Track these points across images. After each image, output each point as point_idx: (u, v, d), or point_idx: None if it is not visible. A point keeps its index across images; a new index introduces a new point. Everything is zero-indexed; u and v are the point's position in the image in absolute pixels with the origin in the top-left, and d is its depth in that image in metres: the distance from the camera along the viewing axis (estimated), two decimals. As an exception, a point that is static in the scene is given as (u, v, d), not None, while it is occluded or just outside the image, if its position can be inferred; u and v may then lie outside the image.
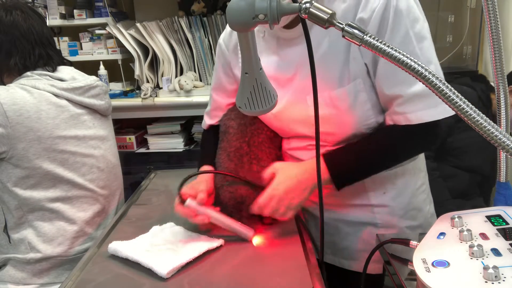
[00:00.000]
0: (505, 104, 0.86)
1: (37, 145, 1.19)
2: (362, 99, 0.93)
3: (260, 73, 0.75)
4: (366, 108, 0.94)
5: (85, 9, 2.38)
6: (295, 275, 0.82)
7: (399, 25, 0.86)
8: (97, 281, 0.83)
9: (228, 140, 1.06)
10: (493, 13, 0.77)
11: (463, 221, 0.69)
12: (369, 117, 0.95)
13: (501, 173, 0.92)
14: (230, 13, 0.66)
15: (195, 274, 0.83)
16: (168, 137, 2.41)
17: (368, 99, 0.94)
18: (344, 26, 0.61)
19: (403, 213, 1.06)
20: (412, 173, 1.07)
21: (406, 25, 0.86)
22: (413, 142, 0.96)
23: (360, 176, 0.99)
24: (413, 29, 0.87)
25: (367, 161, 0.97)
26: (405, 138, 0.94)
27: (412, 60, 0.57)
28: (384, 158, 0.97)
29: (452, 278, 0.56)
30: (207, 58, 2.43)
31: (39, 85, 1.22)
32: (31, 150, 1.19)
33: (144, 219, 1.09)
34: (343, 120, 0.96)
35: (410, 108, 0.90)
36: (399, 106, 0.91)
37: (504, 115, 0.87)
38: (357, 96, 0.93)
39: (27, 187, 1.22)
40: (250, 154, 1.04)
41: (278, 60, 0.99)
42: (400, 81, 0.89)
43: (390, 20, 0.86)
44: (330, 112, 0.95)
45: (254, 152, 1.04)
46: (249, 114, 0.81)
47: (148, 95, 2.28)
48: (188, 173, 1.02)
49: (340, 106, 0.94)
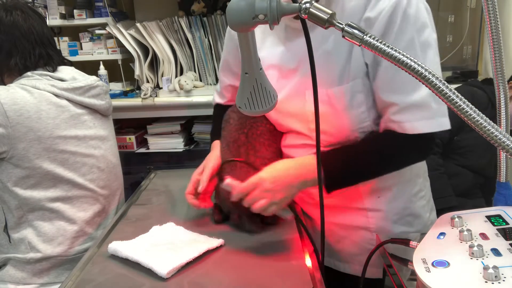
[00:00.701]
0: (505, 104, 0.86)
1: (37, 145, 1.19)
2: (358, 101, 0.93)
3: (260, 73, 0.75)
4: (361, 110, 0.94)
5: (85, 9, 2.38)
6: (296, 275, 0.82)
7: (405, 29, 0.85)
8: (97, 281, 0.83)
9: (228, 130, 1.08)
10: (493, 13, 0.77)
11: (463, 221, 0.69)
12: (364, 120, 0.95)
13: (501, 173, 0.92)
14: (230, 13, 0.66)
15: (195, 274, 0.83)
16: (168, 137, 2.41)
17: (364, 101, 0.93)
18: (344, 26, 0.61)
19: (398, 219, 1.05)
20: (408, 179, 1.05)
21: (412, 31, 0.86)
22: (405, 153, 0.95)
23: (352, 181, 0.98)
24: (419, 36, 0.87)
25: (359, 167, 0.95)
26: (398, 148, 0.93)
27: (412, 60, 0.57)
28: (375, 166, 0.96)
29: (452, 278, 0.56)
30: (207, 58, 2.43)
31: (40, 85, 1.22)
32: (31, 150, 1.19)
33: (144, 219, 1.09)
34: (338, 120, 0.95)
35: (406, 117, 0.89)
36: (395, 114, 0.90)
37: (504, 115, 0.87)
38: (354, 97, 0.92)
39: (27, 187, 1.22)
40: (248, 145, 1.04)
41: (284, 50, 0.99)
42: (398, 89, 0.89)
43: (397, 23, 0.85)
44: (326, 110, 0.94)
45: (251, 143, 1.04)
46: (249, 114, 0.81)
47: (148, 95, 2.28)
48: (188, 173, 1.02)
49: (336, 104, 0.93)
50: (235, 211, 1.01)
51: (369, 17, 0.87)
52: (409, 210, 1.06)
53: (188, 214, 1.11)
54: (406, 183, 1.05)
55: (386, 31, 0.86)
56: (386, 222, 1.05)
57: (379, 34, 0.86)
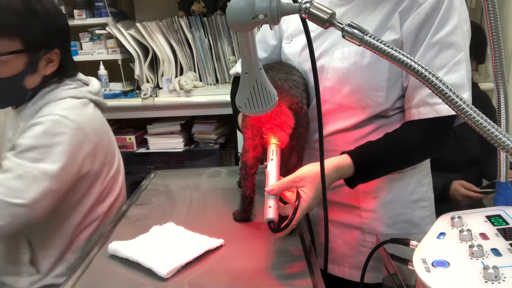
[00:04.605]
0: (505, 104, 0.86)
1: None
2: (382, 66, 0.93)
3: (260, 73, 0.75)
4: (381, 78, 0.94)
5: (85, 9, 2.38)
6: (296, 276, 0.82)
7: (452, 15, 0.89)
8: (97, 281, 0.83)
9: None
10: (493, 13, 0.77)
11: (463, 221, 0.69)
12: (380, 88, 0.95)
13: (501, 173, 0.92)
14: (230, 13, 0.66)
15: (195, 274, 0.83)
16: (168, 137, 2.41)
17: (387, 70, 0.93)
18: (344, 26, 0.61)
19: (392, 223, 1.04)
20: (408, 183, 1.04)
21: (458, 19, 0.90)
22: (427, 142, 0.95)
23: (379, 174, 0.97)
24: (463, 26, 0.91)
25: (386, 159, 0.94)
26: (421, 137, 0.94)
27: (408, 58, 0.57)
28: (400, 157, 0.96)
29: (452, 278, 0.56)
30: (207, 58, 2.43)
31: (81, 94, 1.19)
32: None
33: (144, 219, 1.09)
34: (353, 77, 0.95)
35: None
36: (430, 96, 0.90)
37: (504, 115, 0.87)
38: (379, 59, 0.90)
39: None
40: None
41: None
42: (437, 70, 0.90)
43: (442, 9, 0.89)
44: (345, 65, 0.95)
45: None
46: (249, 114, 0.81)
47: (148, 95, 2.28)
48: (188, 173, 1.02)
49: (358, 60, 0.94)
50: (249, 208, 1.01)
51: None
52: (406, 216, 1.04)
53: (188, 214, 1.11)
54: (405, 187, 1.04)
55: (431, 15, 0.89)
56: (380, 225, 1.04)
57: (421, 20, 0.89)
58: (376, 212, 1.04)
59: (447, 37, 0.90)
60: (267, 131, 0.91)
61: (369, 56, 0.93)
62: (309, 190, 0.83)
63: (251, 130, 0.95)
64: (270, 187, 0.83)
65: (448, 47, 0.90)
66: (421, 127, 0.93)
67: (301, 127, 0.95)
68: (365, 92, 0.96)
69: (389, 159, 0.95)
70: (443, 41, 0.90)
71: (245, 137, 0.98)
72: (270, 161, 0.89)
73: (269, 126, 0.91)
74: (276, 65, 1.04)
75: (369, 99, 0.96)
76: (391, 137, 0.95)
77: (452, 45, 0.90)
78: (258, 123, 0.92)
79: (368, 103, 0.96)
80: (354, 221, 1.05)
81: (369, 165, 0.92)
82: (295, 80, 0.97)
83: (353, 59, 0.94)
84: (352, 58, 0.95)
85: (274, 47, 1.16)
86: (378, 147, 0.94)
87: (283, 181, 0.84)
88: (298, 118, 0.94)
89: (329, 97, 0.99)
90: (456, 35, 0.90)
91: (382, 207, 1.03)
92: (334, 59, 0.97)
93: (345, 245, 1.07)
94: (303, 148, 0.99)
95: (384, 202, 1.03)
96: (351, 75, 0.95)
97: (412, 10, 0.91)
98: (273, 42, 1.16)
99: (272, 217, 0.81)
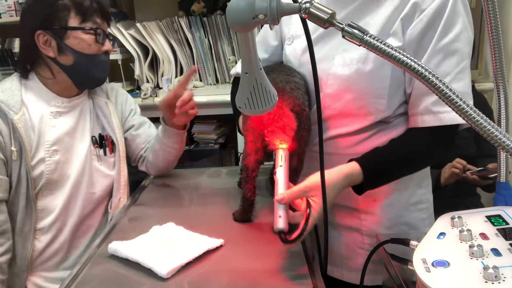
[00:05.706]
0: (505, 104, 0.86)
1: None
2: (384, 73, 0.92)
3: (260, 73, 0.75)
4: (383, 86, 0.93)
5: (85, 9, 2.38)
6: (296, 277, 0.82)
7: (455, 21, 0.89)
8: (97, 281, 0.83)
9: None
10: (493, 13, 0.78)
11: (463, 221, 0.69)
12: (382, 96, 0.94)
13: (501, 173, 0.92)
14: (230, 13, 0.66)
15: (195, 274, 0.83)
16: (168, 137, 2.40)
17: (390, 77, 0.93)
18: (344, 26, 0.61)
19: (391, 225, 1.04)
20: (407, 186, 1.03)
21: (461, 25, 0.89)
22: (432, 148, 0.95)
23: (386, 181, 0.97)
24: (466, 32, 0.90)
25: (393, 166, 0.94)
26: (427, 144, 0.93)
27: (408, 58, 0.57)
28: (407, 163, 0.95)
29: (452, 278, 0.56)
30: (207, 58, 2.43)
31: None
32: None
33: (144, 219, 1.09)
34: (355, 85, 0.94)
35: (447, 107, 0.88)
36: (435, 104, 0.89)
37: (504, 115, 0.87)
38: (382, 67, 0.91)
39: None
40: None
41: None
42: (443, 76, 0.89)
43: (445, 14, 0.88)
44: (347, 73, 0.94)
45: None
46: (249, 114, 0.81)
47: (148, 95, 2.28)
48: (188, 173, 1.02)
49: (360, 68, 0.93)
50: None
51: (417, 2, 0.89)
52: (405, 219, 1.04)
53: (188, 214, 1.11)
54: (404, 190, 1.03)
55: (435, 19, 0.88)
56: (378, 227, 1.03)
57: (424, 24, 0.88)
58: (375, 214, 1.03)
59: (451, 44, 0.89)
60: (269, 134, 0.90)
61: (371, 63, 0.92)
62: (320, 199, 0.82)
63: (252, 133, 0.94)
64: (280, 196, 0.82)
65: (452, 54, 0.89)
66: (428, 134, 0.93)
67: (303, 129, 0.94)
68: (367, 100, 0.95)
69: (398, 166, 0.95)
70: (447, 48, 0.89)
71: (247, 140, 0.97)
72: (278, 167, 0.87)
73: (271, 129, 0.90)
74: (277, 67, 1.04)
75: (371, 107, 0.95)
76: (398, 144, 0.95)
77: (456, 52, 0.89)
78: (260, 126, 0.92)
79: (369, 111, 0.96)
80: (353, 223, 1.05)
81: (379, 172, 0.92)
82: (297, 82, 0.97)
83: (355, 67, 0.93)
84: (354, 65, 0.93)
85: (275, 48, 1.16)
86: (386, 154, 0.93)
87: (293, 190, 0.83)
88: (300, 120, 0.93)
89: (330, 103, 0.98)
90: (460, 41, 0.89)
91: (381, 209, 1.03)
92: (335, 65, 0.96)
93: (344, 247, 1.07)
94: (304, 151, 0.98)
95: (383, 204, 1.03)
96: (353, 83, 0.94)
97: (415, 17, 0.90)
98: (274, 43, 1.15)
99: (282, 227, 0.80)
